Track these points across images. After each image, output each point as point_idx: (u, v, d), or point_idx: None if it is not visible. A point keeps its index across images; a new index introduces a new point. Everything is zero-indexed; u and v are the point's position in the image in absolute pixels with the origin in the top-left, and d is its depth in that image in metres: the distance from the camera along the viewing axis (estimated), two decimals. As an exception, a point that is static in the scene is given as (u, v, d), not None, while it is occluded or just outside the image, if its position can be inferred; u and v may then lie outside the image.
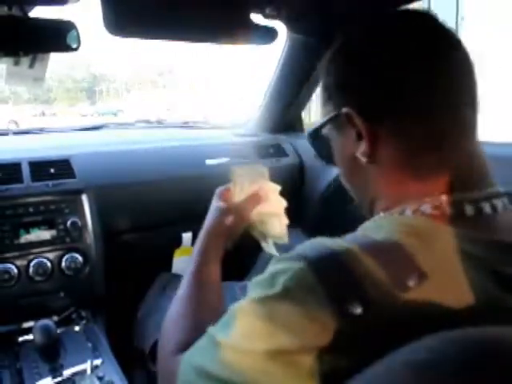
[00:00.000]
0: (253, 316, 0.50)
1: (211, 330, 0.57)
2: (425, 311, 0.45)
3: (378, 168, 0.61)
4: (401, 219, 0.55)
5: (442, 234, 0.50)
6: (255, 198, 0.92)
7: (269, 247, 0.98)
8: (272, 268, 0.53)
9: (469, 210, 0.53)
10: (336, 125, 0.67)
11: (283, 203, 0.97)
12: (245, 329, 0.50)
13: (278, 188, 0.97)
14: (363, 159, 0.61)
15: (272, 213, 0.94)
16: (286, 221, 0.96)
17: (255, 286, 0.53)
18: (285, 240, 0.96)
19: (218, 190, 0.96)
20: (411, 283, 0.45)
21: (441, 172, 0.56)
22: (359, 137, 0.61)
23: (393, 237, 0.50)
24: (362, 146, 0.60)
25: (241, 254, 1.43)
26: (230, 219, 0.89)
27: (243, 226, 0.93)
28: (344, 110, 0.61)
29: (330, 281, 0.47)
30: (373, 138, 0.60)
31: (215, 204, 0.94)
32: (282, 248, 0.89)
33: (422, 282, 0.46)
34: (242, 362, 0.48)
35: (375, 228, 0.55)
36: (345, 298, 0.45)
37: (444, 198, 0.54)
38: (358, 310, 0.44)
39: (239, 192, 0.94)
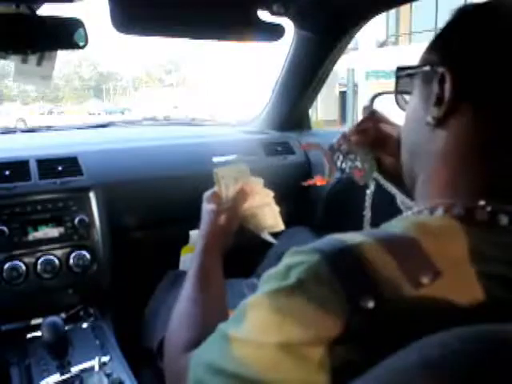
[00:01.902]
0: (265, 308, 0.49)
1: (222, 325, 0.57)
2: (436, 309, 0.45)
3: (439, 146, 0.58)
4: (419, 218, 0.55)
5: (461, 235, 0.49)
6: (242, 194, 0.97)
7: (267, 237, 1.02)
8: (286, 261, 0.52)
9: (504, 220, 0.51)
10: (421, 78, 0.62)
11: (270, 194, 1.02)
12: (257, 321, 0.50)
13: (262, 181, 1.02)
14: (431, 122, 0.58)
15: (261, 204, 0.99)
16: (276, 209, 1.01)
17: (268, 279, 0.53)
18: (280, 227, 1.02)
19: (206, 194, 1.01)
20: (425, 280, 0.45)
21: (497, 176, 0.54)
22: (438, 101, 0.57)
23: (409, 233, 0.50)
24: (435, 111, 0.57)
25: (247, 252, 1.43)
26: (222, 218, 0.93)
27: (236, 223, 0.97)
28: (441, 69, 0.56)
29: (343, 274, 0.47)
30: (452, 110, 0.56)
31: (206, 207, 0.98)
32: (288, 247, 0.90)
33: (436, 279, 0.45)
34: (253, 356, 0.48)
35: (393, 225, 0.54)
36: (358, 292, 0.45)
37: (482, 203, 0.52)
38: (371, 305, 0.44)
39: (225, 192, 0.98)
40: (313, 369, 0.45)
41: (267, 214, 0.99)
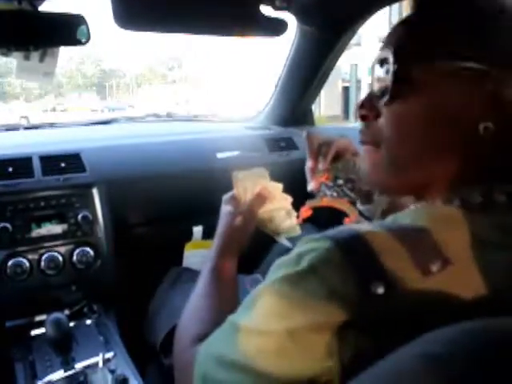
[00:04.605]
0: (274, 295, 0.50)
1: (231, 316, 0.57)
2: (442, 302, 0.45)
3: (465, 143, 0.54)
4: (430, 208, 0.55)
5: (464, 224, 0.49)
6: (260, 198, 0.97)
7: (283, 241, 1.02)
8: (299, 248, 0.53)
9: (501, 198, 0.51)
10: (448, 75, 0.54)
11: (288, 198, 1.02)
12: (265, 308, 0.50)
13: (281, 186, 1.01)
14: (491, 127, 0.52)
15: (279, 208, 0.99)
16: (294, 213, 1.01)
17: (279, 266, 0.53)
18: (297, 231, 1.01)
19: (225, 197, 1.01)
20: (434, 268, 0.46)
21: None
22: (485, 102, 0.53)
23: (419, 222, 0.50)
24: (488, 116, 0.52)
25: (250, 248, 1.43)
26: (238, 220, 0.94)
27: (253, 226, 0.97)
28: (484, 67, 0.52)
29: (355, 259, 0.47)
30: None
31: (223, 209, 0.98)
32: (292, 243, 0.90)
33: (445, 267, 0.46)
34: (259, 344, 0.49)
35: (403, 216, 0.54)
36: (369, 277, 0.45)
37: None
38: (381, 290, 0.45)
39: (243, 195, 0.98)
40: (320, 356, 0.45)
41: (284, 218, 0.99)
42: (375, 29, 15.87)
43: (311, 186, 0.99)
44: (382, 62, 0.59)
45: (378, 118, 0.60)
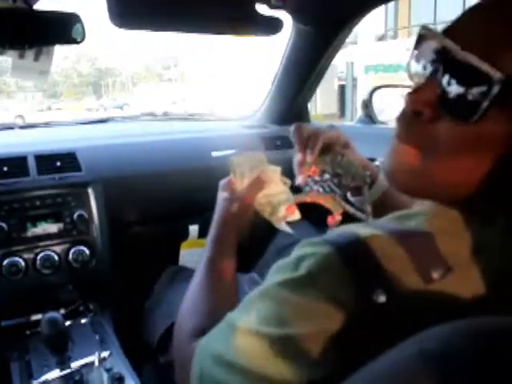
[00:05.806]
0: (273, 300, 0.50)
1: (229, 315, 0.57)
2: (443, 303, 0.45)
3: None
4: (434, 212, 0.53)
5: (468, 231, 0.49)
6: (257, 183, 0.94)
7: (282, 227, 0.99)
8: (298, 252, 0.52)
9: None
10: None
11: (287, 182, 0.99)
12: (263, 312, 0.50)
13: (279, 169, 0.99)
14: None
15: (278, 193, 0.96)
16: (293, 198, 0.97)
17: (278, 270, 0.53)
18: (297, 216, 0.98)
19: (222, 183, 0.98)
20: (436, 275, 0.45)
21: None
22: None
23: (423, 226, 0.49)
24: None
25: (247, 246, 1.43)
26: (235, 206, 0.91)
27: (250, 212, 0.94)
28: None
29: (356, 267, 0.46)
30: None
31: (220, 195, 0.96)
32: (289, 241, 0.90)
33: (447, 275, 0.45)
34: (259, 347, 0.48)
35: (408, 216, 0.53)
36: (370, 286, 0.45)
37: None
38: (382, 299, 0.44)
39: (240, 180, 0.95)
40: (318, 362, 0.45)
41: (283, 202, 0.96)
42: (371, 27, 15.90)
43: (298, 180, 0.97)
44: (471, 70, 0.46)
45: (434, 120, 0.50)
